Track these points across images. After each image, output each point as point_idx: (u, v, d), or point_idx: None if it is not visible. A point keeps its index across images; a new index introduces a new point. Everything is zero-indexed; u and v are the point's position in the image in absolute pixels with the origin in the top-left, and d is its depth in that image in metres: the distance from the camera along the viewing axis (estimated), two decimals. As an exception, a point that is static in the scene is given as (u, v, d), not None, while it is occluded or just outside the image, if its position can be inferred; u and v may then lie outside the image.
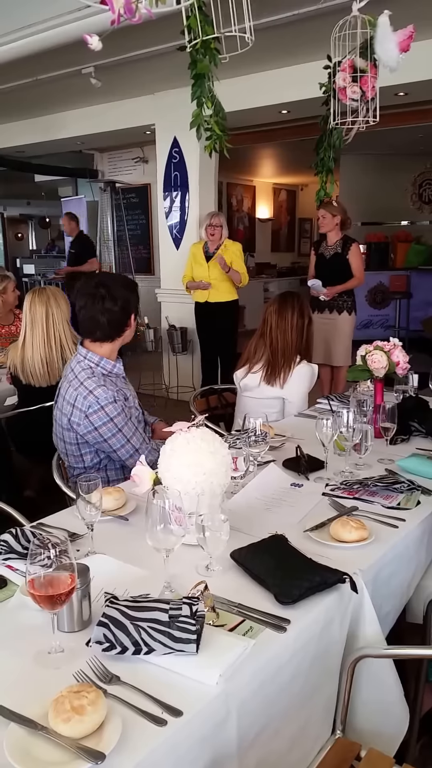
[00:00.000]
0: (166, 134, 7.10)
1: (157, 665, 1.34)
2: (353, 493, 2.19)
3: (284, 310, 3.34)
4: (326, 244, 6.00)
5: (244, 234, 12.45)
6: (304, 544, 1.82)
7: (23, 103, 7.48)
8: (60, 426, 2.61)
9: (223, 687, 1.29)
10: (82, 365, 2.57)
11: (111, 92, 6.88)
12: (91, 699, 1.18)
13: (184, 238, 7.16)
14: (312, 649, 1.53)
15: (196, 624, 1.35)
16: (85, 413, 2.49)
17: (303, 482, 2.31)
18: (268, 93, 6.24)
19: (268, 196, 13.15)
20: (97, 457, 2.61)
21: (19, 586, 1.63)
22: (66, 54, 4.85)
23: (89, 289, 2.57)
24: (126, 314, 2.59)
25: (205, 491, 1.76)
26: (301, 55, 5.62)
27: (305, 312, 3.37)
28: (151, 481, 1.88)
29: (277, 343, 3.31)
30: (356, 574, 1.67)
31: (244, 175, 12.05)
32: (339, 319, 5.95)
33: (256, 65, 5.91)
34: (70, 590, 1.37)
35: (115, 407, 2.50)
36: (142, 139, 8.43)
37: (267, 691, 1.40)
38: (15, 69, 5.37)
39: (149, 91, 7.00)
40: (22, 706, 1.22)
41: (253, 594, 1.60)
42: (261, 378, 3.32)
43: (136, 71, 6.00)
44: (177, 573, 1.64)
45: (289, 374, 3.29)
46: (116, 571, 1.70)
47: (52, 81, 6.13)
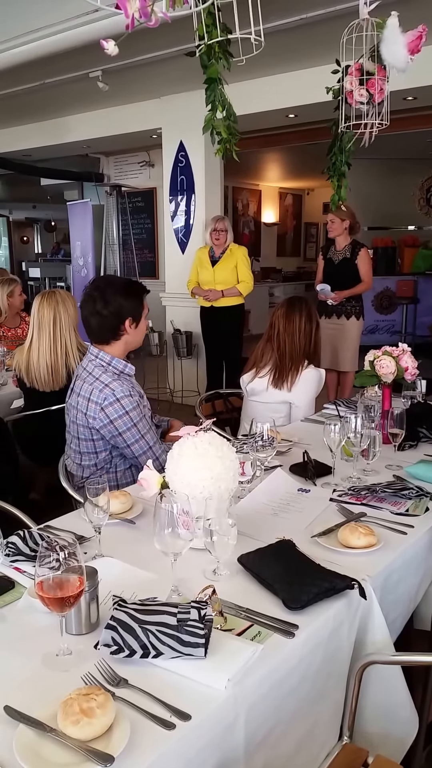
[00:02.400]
0: (172, 138, 7.14)
1: (165, 669, 1.35)
2: (361, 499, 2.20)
3: (292, 314, 3.36)
4: (335, 248, 6.01)
5: (249, 238, 12.49)
6: (312, 550, 1.83)
7: (30, 107, 7.52)
8: (75, 423, 2.62)
9: (232, 691, 1.30)
10: (94, 363, 2.60)
11: (118, 96, 6.92)
12: (99, 702, 1.18)
13: (189, 242, 7.19)
14: (320, 655, 1.54)
15: (204, 628, 1.36)
16: (101, 406, 2.51)
17: (310, 488, 2.32)
18: (276, 97, 6.26)
19: (274, 201, 13.19)
20: (110, 455, 2.63)
21: (27, 589, 1.64)
22: (74, 57, 4.89)
23: (86, 292, 2.61)
24: (118, 319, 2.58)
25: (213, 495, 1.77)
26: (308, 59, 5.64)
27: (313, 316, 3.39)
28: (158, 484, 1.89)
29: (285, 347, 3.33)
30: (365, 580, 1.68)
31: (250, 179, 12.09)
32: (347, 324, 5.95)
33: (264, 69, 5.94)
34: (79, 593, 1.38)
35: (131, 401, 2.52)
36: (149, 143, 8.46)
37: (275, 696, 1.40)
38: (23, 72, 5.41)
39: (156, 94, 7.04)
40: (31, 707, 1.23)
41: (261, 599, 1.61)
42: (268, 382, 3.34)
43: (143, 75, 6.04)
44: (184, 577, 1.65)
45: (297, 378, 3.31)
46: (124, 574, 1.71)
47: (59, 84, 6.17)
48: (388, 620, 1.73)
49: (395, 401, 2.89)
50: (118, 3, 1.65)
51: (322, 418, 3.20)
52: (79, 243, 9.20)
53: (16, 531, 1.88)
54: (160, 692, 1.28)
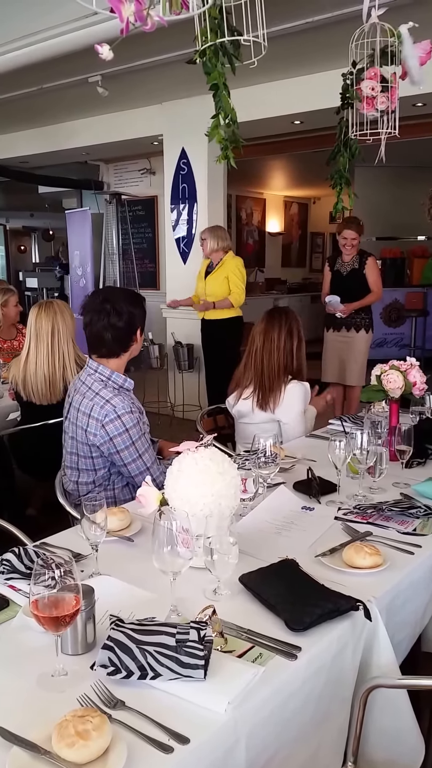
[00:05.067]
0: (174, 145, 7.20)
1: (163, 691, 1.36)
2: (367, 517, 2.21)
3: (270, 330, 3.24)
4: (342, 260, 6.03)
5: (253, 248, 12.55)
6: (316, 570, 1.84)
7: (28, 113, 7.59)
8: (74, 439, 2.64)
9: (232, 714, 1.31)
10: (93, 378, 2.63)
11: (118, 101, 6.99)
12: (95, 724, 1.20)
13: (191, 252, 7.24)
14: (323, 678, 1.55)
15: (204, 649, 1.37)
16: (101, 422, 2.53)
17: (314, 505, 2.33)
18: (281, 103, 6.32)
19: (278, 210, 13.26)
20: (108, 472, 2.65)
21: (21, 607, 1.65)
22: (72, 62, 4.94)
23: (94, 305, 2.62)
24: (131, 329, 2.65)
25: (214, 513, 1.78)
26: (314, 64, 5.70)
27: (294, 331, 3.25)
28: (157, 501, 1.91)
29: (263, 366, 3.24)
30: (370, 601, 1.69)
31: (255, 187, 12.16)
32: (355, 338, 5.98)
33: (268, 74, 6.00)
34: (75, 612, 1.39)
35: (132, 418, 2.55)
36: (150, 150, 8.53)
37: (276, 720, 1.41)
38: (20, 77, 5.46)
39: (157, 100, 7.11)
40: (25, 729, 1.24)
41: (263, 620, 1.62)
42: (253, 403, 3.27)
43: (144, 80, 6.10)
44: (184, 596, 1.66)
45: (281, 397, 3.23)
46: (121, 593, 1.72)
47: (57, 89, 6.23)
48: (393, 642, 1.74)
49: (403, 417, 2.90)
50: (112, 6, 1.68)
51: (327, 434, 3.21)
52: (77, 252, 9.26)
53: (11, 548, 1.90)
54: (157, 715, 1.29)
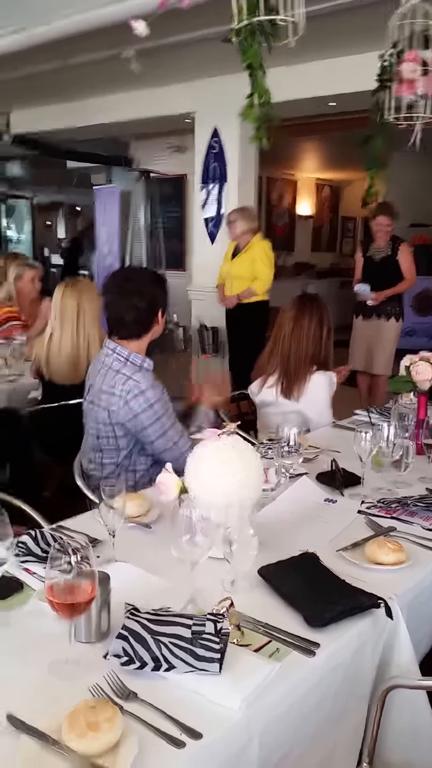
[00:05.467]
0: (206, 123, 7.14)
1: (177, 683, 1.34)
2: (391, 512, 2.18)
3: (301, 316, 3.19)
4: (374, 246, 5.96)
5: (283, 231, 12.44)
6: (337, 565, 1.81)
7: (60, 87, 7.54)
8: (95, 421, 2.63)
9: (246, 711, 1.29)
10: (111, 358, 2.61)
11: (150, 78, 6.90)
12: (107, 716, 1.18)
13: (219, 234, 7.18)
14: (341, 676, 1.53)
15: (220, 642, 1.36)
16: (125, 399, 2.52)
17: (337, 498, 2.30)
18: (315, 84, 6.21)
19: (310, 192, 13.11)
20: (130, 454, 2.64)
21: (36, 591, 1.64)
22: (105, 36, 4.89)
23: (116, 285, 2.60)
24: (153, 311, 2.62)
25: (234, 503, 1.76)
26: (350, 46, 5.59)
27: (325, 320, 3.20)
28: (177, 489, 1.89)
29: (290, 353, 3.19)
30: (392, 599, 1.66)
31: (286, 169, 12.03)
32: (384, 326, 5.92)
33: (303, 55, 5.89)
34: (90, 599, 1.38)
35: (155, 392, 2.53)
36: (181, 127, 8.45)
37: (291, 717, 1.40)
38: (52, 51, 5.43)
39: (190, 77, 7.02)
40: (35, 717, 1.23)
41: (281, 614, 1.60)
42: (277, 392, 3.23)
43: (177, 56, 6.02)
44: (201, 587, 1.64)
45: (305, 386, 3.18)
46: (137, 580, 1.71)
47: (90, 64, 6.18)
48: (413, 641, 1.71)
49: (431, 410, 2.86)
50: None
51: (353, 424, 3.17)
52: (104, 230, 9.25)
53: (28, 530, 1.90)
54: (170, 708, 1.28)
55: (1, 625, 1.54)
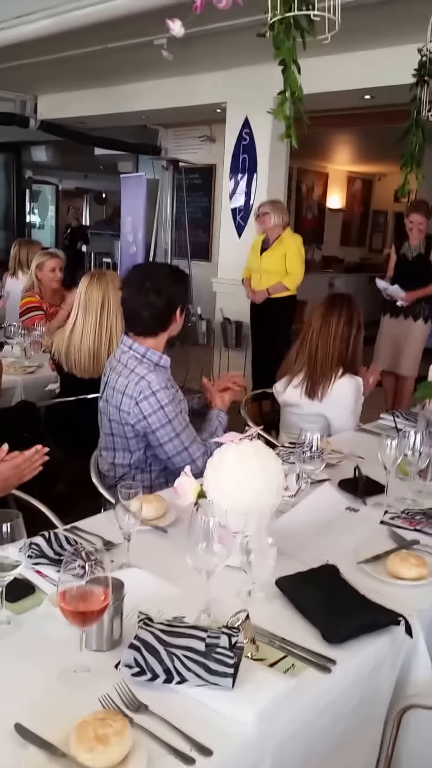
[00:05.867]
0: (237, 114, 7.10)
1: (189, 697, 1.33)
2: (415, 523, 2.15)
3: (330, 314, 3.16)
4: (409, 243, 5.91)
5: (312, 224, 12.37)
6: (357, 577, 1.79)
7: (90, 72, 7.55)
8: (108, 419, 2.63)
9: (259, 727, 1.28)
10: (127, 355, 2.60)
11: (182, 66, 6.88)
12: (116, 729, 1.17)
13: (247, 226, 7.15)
14: (357, 694, 1.51)
15: (233, 657, 1.34)
16: (135, 400, 2.51)
17: (360, 507, 2.28)
18: (351, 76, 6.15)
19: (341, 185, 13.03)
20: (145, 455, 2.63)
21: (47, 595, 1.64)
22: (138, 24, 4.89)
23: (134, 281, 2.58)
24: (170, 309, 2.60)
25: (253, 510, 1.75)
26: (389, 38, 5.54)
27: (354, 320, 3.17)
28: (195, 493, 1.88)
29: (317, 352, 3.16)
30: (412, 615, 1.64)
31: (317, 160, 11.94)
32: (412, 326, 5.87)
33: (340, 46, 5.80)
34: (103, 608, 1.37)
35: (167, 394, 2.51)
36: (211, 117, 8.43)
37: (305, 735, 1.38)
38: (85, 36, 5.44)
39: (223, 66, 6.99)
40: (43, 727, 1.22)
41: (298, 628, 1.58)
42: (302, 392, 3.19)
43: (210, 45, 5.98)
44: (216, 596, 1.63)
45: (329, 388, 3.14)
46: (151, 588, 1.70)
47: (121, 51, 6.18)
48: None
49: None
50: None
51: (378, 429, 3.14)
52: (130, 218, 9.24)
53: (41, 530, 1.89)
54: (181, 722, 1.27)
55: (11, 630, 1.54)
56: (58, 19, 5.00)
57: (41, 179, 15.37)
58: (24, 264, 5.81)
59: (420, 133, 3.47)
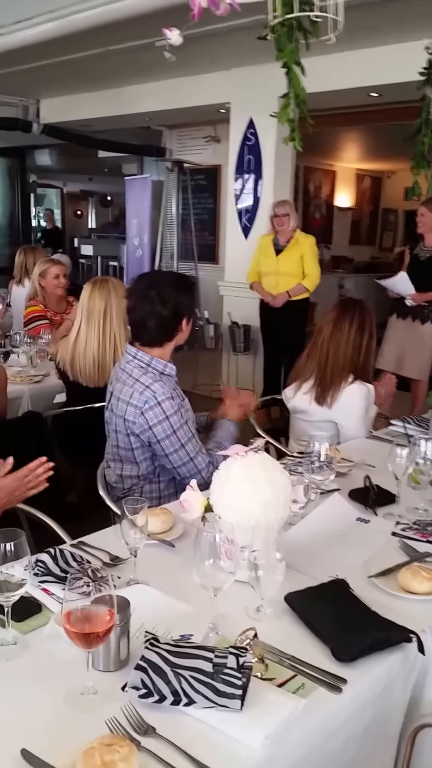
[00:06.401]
0: (241, 114, 7.10)
1: (197, 719, 1.33)
2: (427, 535, 2.14)
3: (342, 320, 3.15)
4: (423, 244, 5.89)
5: (320, 223, 12.34)
6: (368, 592, 1.78)
7: (92, 74, 7.56)
8: (115, 431, 2.63)
9: (269, 750, 1.27)
10: (132, 364, 2.60)
11: (185, 67, 6.89)
12: (123, 755, 1.17)
13: (254, 227, 7.14)
14: (369, 714, 1.50)
15: (242, 678, 1.34)
16: (141, 410, 2.51)
17: (370, 517, 2.27)
18: (358, 74, 6.13)
19: (350, 183, 12.99)
20: (152, 465, 2.63)
21: (54, 614, 1.64)
22: (140, 25, 4.89)
23: (139, 291, 2.58)
24: (177, 318, 2.60)
25: (261, 524, 1.74)
26: (395, 35, 5.52)
27: (366, 326, 3.15)
28: (202, 507, 1.87)
29: (327, 357, 3.15)
30: (425, 632, 1.62)
31: (325, 158, 11.91)
32: (421, 329, 5.84)
33: (345, 43, 5.79)
34: (109, 629, 1.37)
35: (172, 404, 2.51)
36: (215, 117, 8.43)
37: (316, 758, 1.37)
38: (87, 38, 5.45)
39: (226, 66, 6.99)
40: (50, 753, 1.23)
41: (307, 646, 1.57)
42: (311, 398, 3.18)
43: (212, 45, 5.98)
44: (224, 612, 1.63)
45: (339, 394, 3.12)
46: (158, 605, 1.70)
47: (123, 53, 6.19)
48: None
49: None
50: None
51: (389, 435, 3.13)
52: (135, 221, 9.25)
53: (50, 544, 1.90)
54: (189, 746, 1.26)
55: (18, 649, 1.54)
56: (58, 23, 5.02)
57: (46, 183, 15.42)
58: (30, 271, 5.84)
59: (431, 132, 3.46)
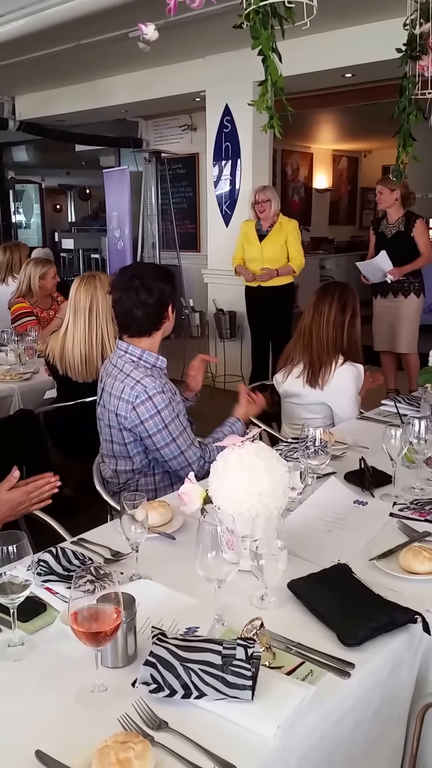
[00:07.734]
0: (217, 102, 7.05)
1: (209, 711, 1.32)
2: (425, 514, 2.13)
3: (322, 302, 3.17)
4: (387, 221, 5.90)
5: (299, 206, 12.31)
6: (370, 575, 1.78)
7: (65, 69, 7.50)
8: (107, 426, 2.62)
9: (281, 739, 1.27)
10: (123, 359, 2.59)
11: (159, 57, 6.84)
12: (138, 751, 1.17)
13: (234, 214, 7.11)
14: (378, 696, 1.50)
15: (251, 668, 1.33)
16: (132, 404, 2.50)
17: (367, 499, 2.27)
18: (331, 55, 6.09)
19: (326, 164, 12.96)
20: (146, 458, 2.62)
21: (59, 612, 1.63)
22: (112, 17, 4.84)
23: (123, 283, 2.57)
24: (163, 306, 2.60)
25: (261, 513, 1.73)
26: (368, 14, 5.49)
27: (348, 306, 3.15)
28: (200, 499, 1.86)
29: (312, 340, 3.16)
30: (429, 611, 1.63)
31: (301, 141, 11.86)
32: (404, 303, 5.86)
33: (318, 25, 5.75)
34: (116, 626, 1.36)
35: (163, 398, 2.50)
36: (191, 106, 8.38)
37: (327, 744, 1.37)
38: (58, 33, 5.39)
39: (200, 55, 6.94)
40: (64, 753, 1.22)
41: (313, 632, 1.57)
42: (303, 382, 3.18)
43: (185, 34, 5.92)
44: (229, 602, 1.62)
45: (330, 376, 3.13)
46: (163, 598, 1.69)
47: (96, 46, 6.13)
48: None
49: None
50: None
51: (380, 415, 3.13)
52: (115, 213, 9.18)
53: (49, 542, 1.89)
54: (203, 738, 1.26)
55: (25, 650, 1.53)
56: (29, 20, 4.96)
57: (24, 179, 15.28)
58: (15, 269, 5.81)
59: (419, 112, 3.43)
